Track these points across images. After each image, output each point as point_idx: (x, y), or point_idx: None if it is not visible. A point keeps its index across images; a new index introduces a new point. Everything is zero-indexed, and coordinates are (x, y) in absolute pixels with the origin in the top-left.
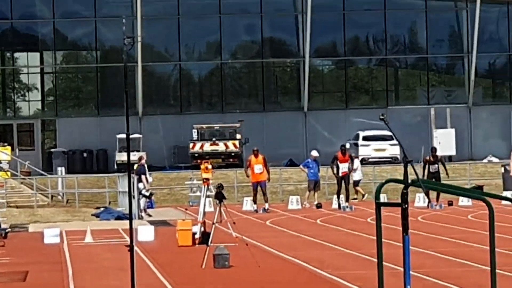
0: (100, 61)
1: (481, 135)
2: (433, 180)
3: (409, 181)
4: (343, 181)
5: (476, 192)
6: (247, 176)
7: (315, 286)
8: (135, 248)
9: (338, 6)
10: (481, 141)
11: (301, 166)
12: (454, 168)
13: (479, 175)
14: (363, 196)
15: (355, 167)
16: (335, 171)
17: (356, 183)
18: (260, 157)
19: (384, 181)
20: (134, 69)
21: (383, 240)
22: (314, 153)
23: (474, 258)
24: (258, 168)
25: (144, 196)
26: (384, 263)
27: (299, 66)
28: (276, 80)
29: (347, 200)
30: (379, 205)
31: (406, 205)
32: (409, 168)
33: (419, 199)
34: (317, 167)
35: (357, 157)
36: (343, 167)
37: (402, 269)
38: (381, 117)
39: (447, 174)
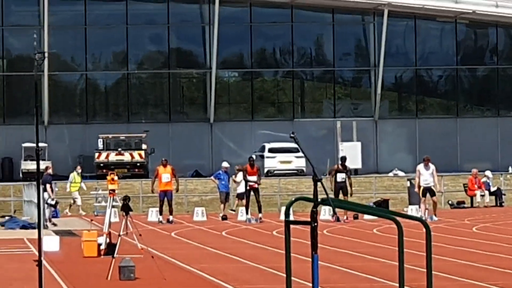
0: (6, 70)
1: (387, 148)
2: (340, 190)
3: (319, 200)
4: (252, 193)
5: (385, 211)
6: (152, 191)
7: None
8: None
9: (245, 18)
10: (387, 154)
11: (212, 178)
12: (359, 181)
13: (384, 189)
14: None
15: (238, 180)
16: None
17: (241, 195)
18: (169, 167)
19: (293, 199)
20: (41, 78)
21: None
22: (225, 164)
23: (380, 273)
24: (166, 177)
25: (50, 205)
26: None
27: (206, 77)
28: (183, 91)
29: (259, 212)
30: (288, 223)
31: (316, 224)
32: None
33: (324, 212)
34: (228, 178)
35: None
36: (251, 179)
37: (309, 284)
38: (292, 135)
39: (350, 188)
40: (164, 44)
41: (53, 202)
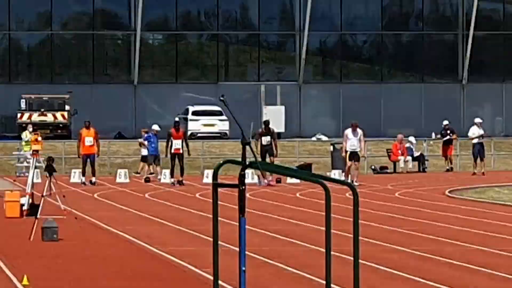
0: None
1: (311, 113)
2: (266, 153)
3: (247, 163)
4: (176, 158)
5: (313, 175)
6: (78, 156)
7: (144, 262)
8: None
9: None
10: (311, 119)
11: (140, 140)
12: (283, 145)
13: (307, 153)
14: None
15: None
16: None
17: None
18: (92, 130)
19: (221, 161)
20: None
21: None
22: (156, 127)
23: (304, 237)
24: (89, 140)
25: None
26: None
27: (130, 39)
28: (107, 53)
29: (181, 175)
30: (216, 185)
31: (244, 187)
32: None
33: (247, 175)
34: (157, 141)
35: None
36: (176, 143)
37: (234, 248)
38: (221, 98)
39: (276, 150)
40: (89, 5)
41: None
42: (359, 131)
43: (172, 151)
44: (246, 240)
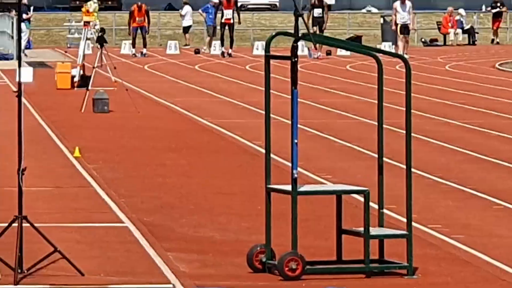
0: None
1: None
2: (317, 25)
3: (300, 35)
4: (226, 28)
5: (366, 48)
6: (129, 33)
7: (195, 134)
8: (14, 89)
9: None
10: None
11: (200, 11)
12: (333, 17)
13: (357, 25)
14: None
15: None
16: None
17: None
18: (143, 10)
19: (274, 33)
20: None
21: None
22: None
23: (354, 109)
24: (140, 20)
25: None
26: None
27: None
28: None
29: (230, 47)
30: (268, 57)
31: (296, 59)
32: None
33: (298, 48)
34: (215, 12)
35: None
36: (227, 13)
37: (285, 120)
38: None
39: (325, 23)
40: None
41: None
42: (408, 3)
43: (223, 20)
44: (298, 112)
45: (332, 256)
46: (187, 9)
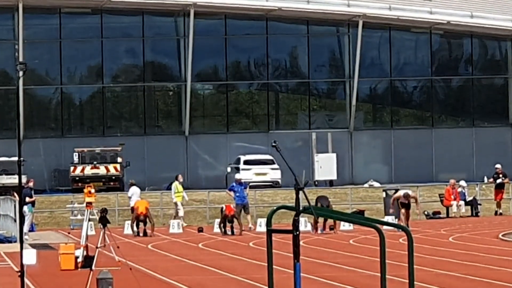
0: None
1: (362, 159)
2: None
3: (301, 208)
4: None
5: (368, 220)
6: (132, 230)
7: None
8: (16, 269)
9: (220, 31)
10: (362, 165)
11: (227, 191)
12: (335, 192)
13: (360, 200)
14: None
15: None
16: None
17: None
18: (144, 205)
19: (275, 207)
20: (16, 92)
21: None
22: (238, 176)
23: (359, 284)
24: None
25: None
26: None
27: (181, 90)
28: (157, 104)
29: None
30: (270, 231)
31: (298, 232)
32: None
33: (300, 223)
34: (243, 190)
35: None
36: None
37: None
38: (273, 144)
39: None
40: (139, 57)
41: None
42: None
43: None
44: (302, 287)
45: None
46: (133, 190)
